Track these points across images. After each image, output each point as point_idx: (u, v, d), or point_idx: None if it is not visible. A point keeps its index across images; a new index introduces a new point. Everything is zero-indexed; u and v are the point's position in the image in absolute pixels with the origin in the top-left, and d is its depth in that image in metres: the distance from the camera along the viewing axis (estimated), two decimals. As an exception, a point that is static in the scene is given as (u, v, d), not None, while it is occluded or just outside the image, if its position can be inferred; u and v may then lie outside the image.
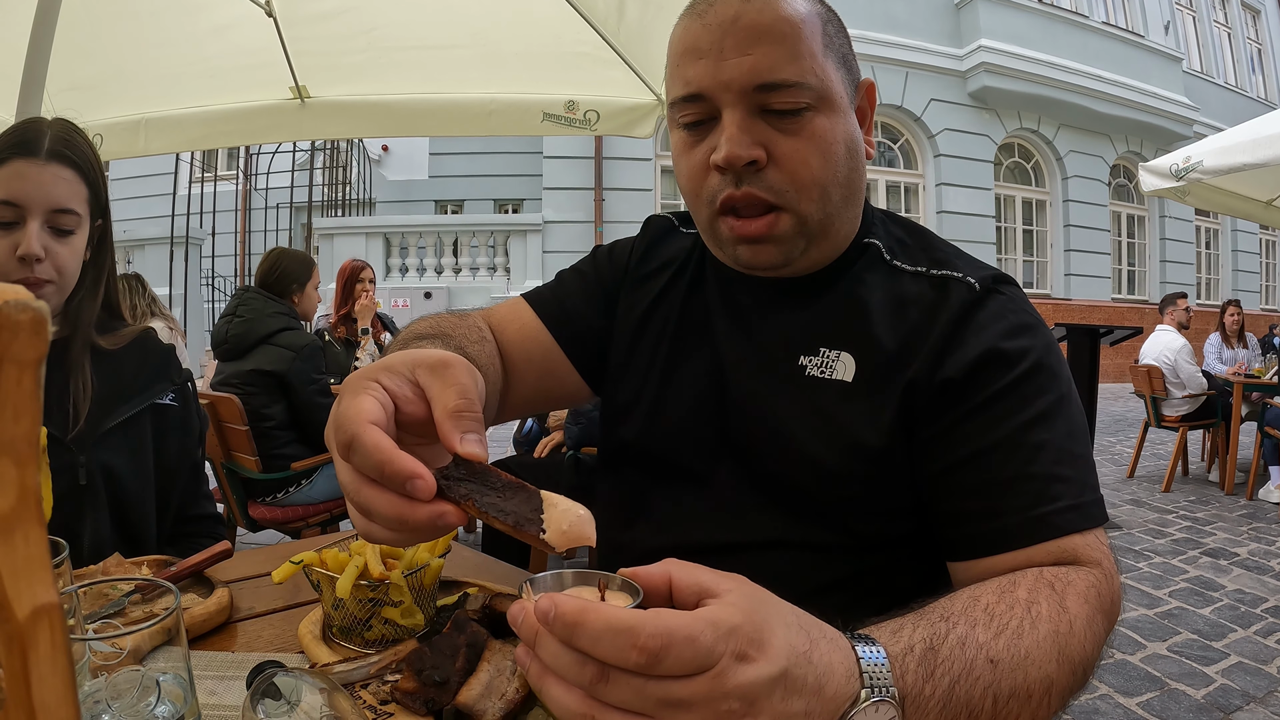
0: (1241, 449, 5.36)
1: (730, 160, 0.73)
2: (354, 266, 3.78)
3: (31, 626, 0.25)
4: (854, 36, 0.85)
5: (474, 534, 3.65)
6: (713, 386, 0.86)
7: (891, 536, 0.78)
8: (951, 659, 0.51)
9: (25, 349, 0.24)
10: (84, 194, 1.05)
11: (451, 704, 0.58)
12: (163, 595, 0.66)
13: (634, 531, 0.88)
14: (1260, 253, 15.74)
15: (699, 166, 0.77)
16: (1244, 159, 4.31)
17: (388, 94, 2.72)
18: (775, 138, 0.74)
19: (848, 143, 0.77)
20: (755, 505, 0.81)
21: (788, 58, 0.72)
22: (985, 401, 0.71)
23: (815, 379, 0.79)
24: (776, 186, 0.74)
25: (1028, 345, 0.73)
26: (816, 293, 0.83)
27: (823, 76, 0.74)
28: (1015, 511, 0.67)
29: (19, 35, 1.87)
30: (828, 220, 0.78)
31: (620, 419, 0.93)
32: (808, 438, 0.78)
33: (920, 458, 0.75)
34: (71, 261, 1.04)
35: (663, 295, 0.93)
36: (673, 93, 0.78)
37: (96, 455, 1.05)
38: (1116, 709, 2.22)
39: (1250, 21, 16.14)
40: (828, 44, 0.76)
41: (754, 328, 0.85)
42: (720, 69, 0.73)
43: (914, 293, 0.79)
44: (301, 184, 11.17)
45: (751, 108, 0.74)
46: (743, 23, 0.72)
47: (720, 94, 0.74)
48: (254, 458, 2.65)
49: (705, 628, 0.42)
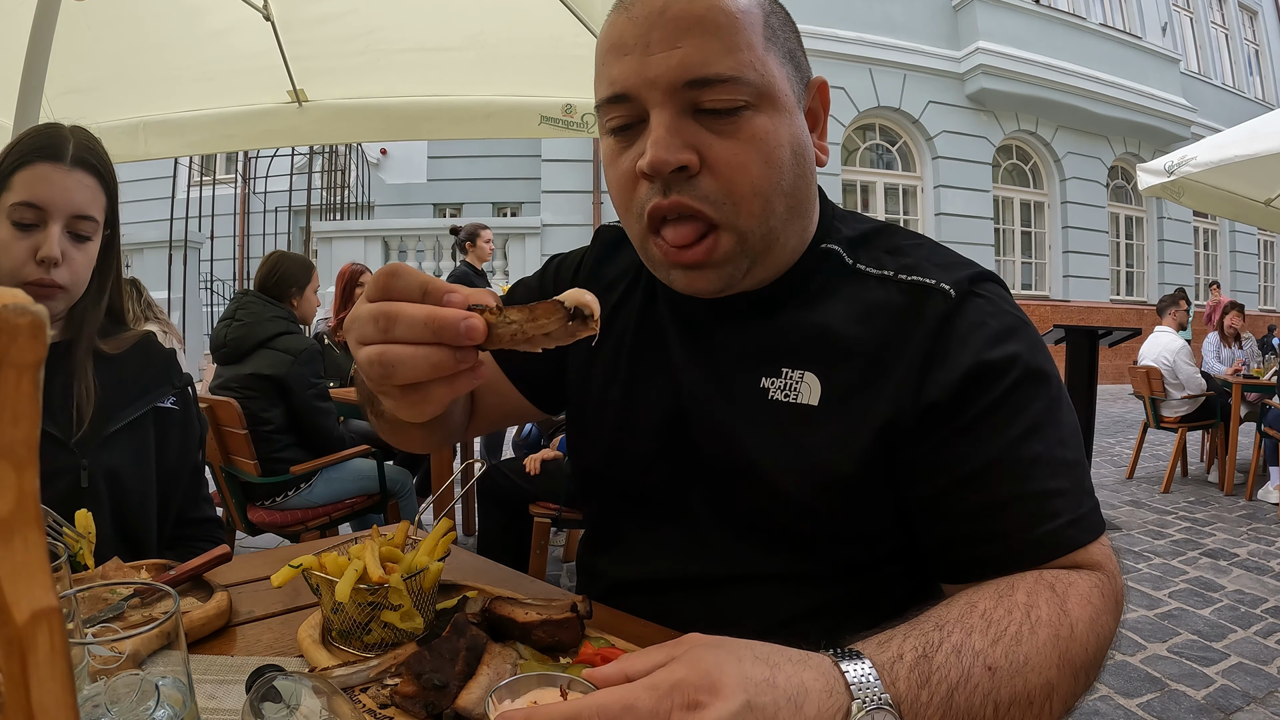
0: (1240, 449, 5.37)
1: (656, 166, 0.65)
2: (353, 270, 3.79)
3: (30, 630, 0.25)
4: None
5: (472, 537, 3.65)
6: (673, 413, 0.80)
7: (872, 560, 0.74)
8: (947, 666, 0.51)
9: (24, 352, 0.24)
10: (103, 202, 1.06)
11: (451, 707, 0.58)
12: (162, 599, 0.66)
13: (608, 559, 0.86)
14: (1258, 254, 15.75)
15: (627, 175, 0.70)
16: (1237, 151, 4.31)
17: (386, 97, 2.72)
18: (709, 140, 0.66)
19: (793, 146, 0.69)
20: (727, 536, 0.77)
21: (722, 51, 0.65)
22: (975, 419, 0.66)
23: (779, 403, 0.73)
24: (711, 196, 0.67)
25: (1013, 352, 0.67)
26: (774, 307, 0.76)
27: (763, 72, 0.67)
28: (1015, 533, 0.64)
29: (18, 39, 1.87)
30: (771, 235, 0.70)
31: (583, 448, 0.89)
32: (776, 468, 0.72)
33: (906, 480, 0.70)
34: (85, 268, 1.05)
35: (615, 313, 0.87)
36: (598, 94, 0.71)
37: (98, 458, 1.05)
38: (1117, 710, 2.21)
39: (1248, 22, 16.17)
40: (770, 37, 0.69)
41: (710, 347, 0.79)
42: (646, 65, 0.65)
43: (880, 300, 0.72)
44: (300, 188, 11.17)
45: (682, 107, 0.66)
46: (671, 13, 0.65)
47: (646, 93, 0.66)
48: (253, 461, 2.64)
49: (641, 692, 0.44)
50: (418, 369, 0.51)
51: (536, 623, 0.67)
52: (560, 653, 0.69)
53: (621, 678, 0.48)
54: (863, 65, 11.63)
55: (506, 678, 0.61)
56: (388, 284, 0.53)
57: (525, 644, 0.68)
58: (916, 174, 12.58)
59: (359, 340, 0.54)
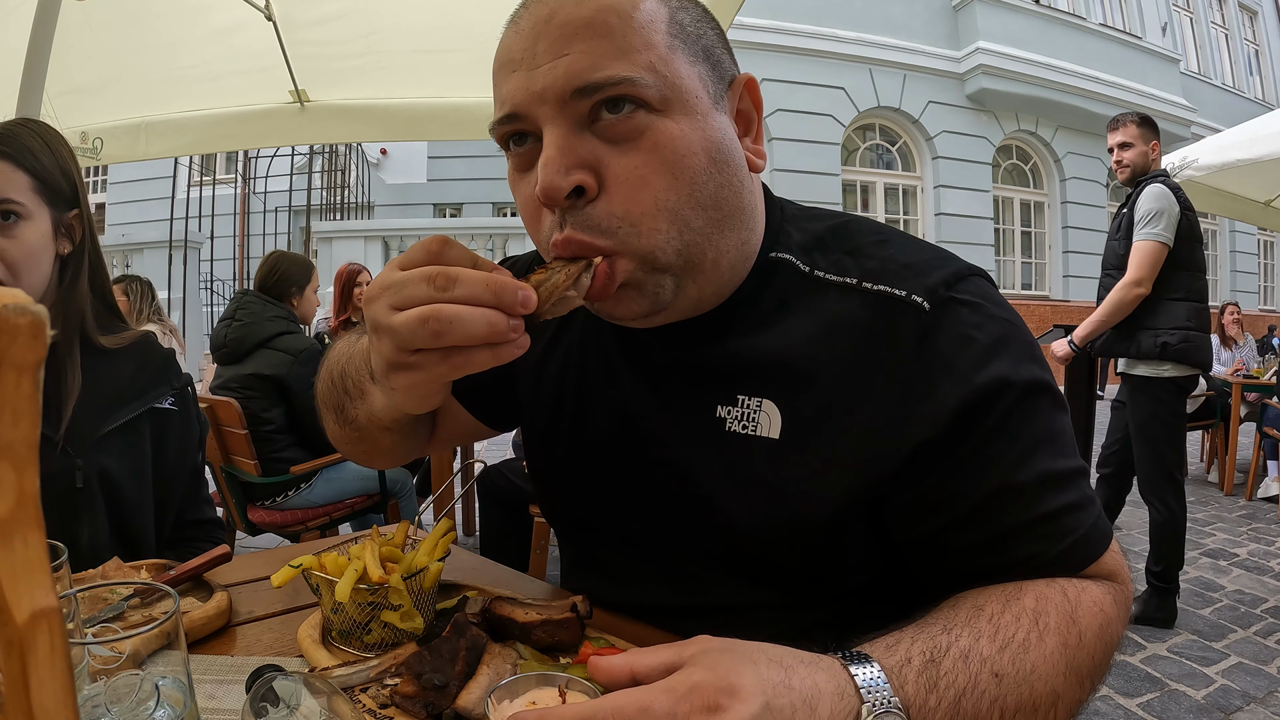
0: (1240, 449, 5.36)
1: (548, 193, 0.59)
2: (351, 270, 3.79)
3: (30, 630, 0.25)
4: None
5: (472, 537, 3.65)
6: (627, 445, 0.74)
7: (858, 584, 0.71)
8: (955, 671, 0.51)
9: (24, 352, 0.24)
10: (24, 182, 1.02)
11: (451, 707, 0.58)
12: (162, 599, 0.66)
13: (590, 580, 0.83)
14: (1258, 254, 15.76)
15: (529, 204, 0.64)
16: (1239, 155, 4.32)
17: (387, 98, 2.72)
18: (607, 155, 0.60)
19: (711, 152, 0.62)
20: (701, 571, 0.73)
21: (613, 53, 0.58)
22: (971, 451, 0.61)
23: (738, 435, 0.67)
24: (604, 224, 0.60)
25: (1004, 373, 0.61)
26: (723, 327, 0.70)
27: (665, 72, 0.60)
28: (1028, 560, 0.61)
29: (18, 38, 1.87)
30: (692, 251, 0.63)
31: (542, 480, 0.85)
32: (740, 509, 0.67)
33: (899, 522, 0.66)
34: (19, 253, 1.00)
35: (559, 333, 0.82)
36: (494, 116, 0.64)
37: (94, 459, 1.05)
38: (1117, 710, 2.21)
39: (1248, 23, 16.17)
40: (676, 34, 0.62)
41: (658, 373, 0.73)
42: (533, 79, 0.59)
43: (843, 313, 0.65)
44: (300, 188, 11.18)
45: (576, 121, 0.60)
46: (556, 20, 0.59)
47: (535, 109, 0.60)
48: (253, 461, 2.64)
49: (658, 694, 0.43)
50: (476, 327, 0.51)
51: (536, 623, 0.67)
52: (560, 653, 0.69)
53: (627, 669, 0.48)
54: (863, 65, 11.64)
55: (506, 678, 0.61)
56: (442, 250, 0.54)
57: (525, 644, 0.68)
58: (916, 174, 12.59)
59: (402, 302, 0.53)
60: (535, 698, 0.49)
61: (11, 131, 1.03)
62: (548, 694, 0.50)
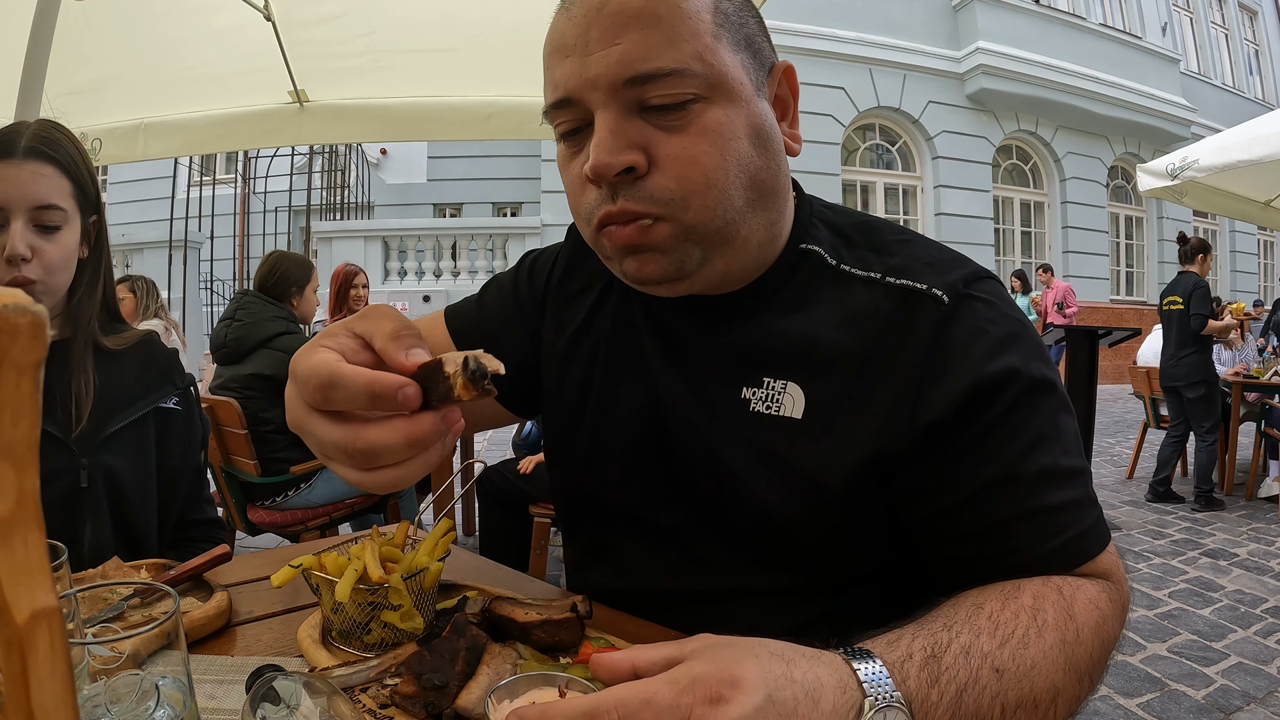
0: (1240, 449, 5.37)
1: (598, 170, 0.62)
2: (346, 271, 3.78)
3: (30, 630, 0.25)
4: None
5: (472, 537, 3.65)
6: (651, 426, 0.77)
7: (866, 574, 0.73)
8: (956, 667, 0.51)
9: (24, 352, 0.24)
10: (67, 188, 1.03)
11: (451, 707, 0.58)
12: (162, 599, 0.66)
13: (599, 572, 0.84)
14: (1258, 253, 15.75)
15: (577, 181, 0.67)
16: (1240, 156, 4.32)
17: (386, 98, 2.72)
18: (657, 138, 0.63)
19: (753, 135, 0.66)
20: (715, 552, 0.75)
21: (663, 43, 0.62)
22: (978, 437, 0.64)
23: (762, 415, 0.70)
24: (659, 195, 0.63)
25: (1015, 364, 0.64)
26: (752, 311, 0.73)
27: (712, 61, 0.63)
28: (1024, 551, 0.63)
29: (18, 39, 1.87)
30: (728, 226, 0.66)
31: (560, 459, 0.86)
32: (761, 485, 0.70)
33: (905, 501, 0.68)
34: (60, 258, 1.03)
35: (590, 318, 0.84)
36: (546, 100, 0.68)
37: (98, 458, 1.05)
38: (1117, 710, 2.22)
39: (1248, 23, 16.17)
40: (721, 23, 0.65)
41: (687, 355, 0.76)
42: (586, 65, 0.63)
43: (867, 304, 0.68)
44: (300, 188, 11.18)
45: (627, 106, 0.63)
46: (609, 9, 0.62)
47: (588, 94, 0.63)
48: (253, 461, 2.64)
49: (661, 686, 0.43)
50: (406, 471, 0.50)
51: (536, 623, 0.68)
52: (560, 653, 0.69)
53: (628, 665, 0.48)
54: (863, 65, 11.63)
55: (506, 678, 0.61)
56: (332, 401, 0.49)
57: (525, 644, 0.68)
58: (916, 174, 12.59)
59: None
60: (535, 697, 0.49)
61: (53, 137, 1.04)
62: (548, 694, 0.50)
